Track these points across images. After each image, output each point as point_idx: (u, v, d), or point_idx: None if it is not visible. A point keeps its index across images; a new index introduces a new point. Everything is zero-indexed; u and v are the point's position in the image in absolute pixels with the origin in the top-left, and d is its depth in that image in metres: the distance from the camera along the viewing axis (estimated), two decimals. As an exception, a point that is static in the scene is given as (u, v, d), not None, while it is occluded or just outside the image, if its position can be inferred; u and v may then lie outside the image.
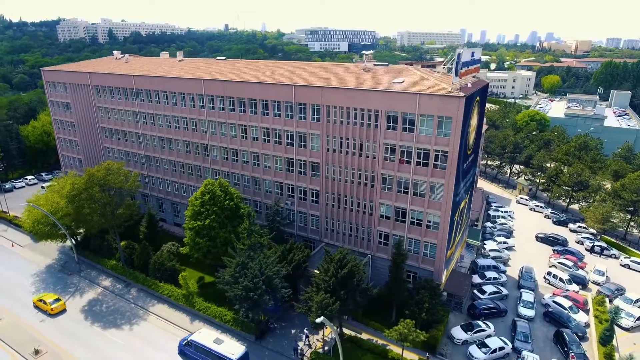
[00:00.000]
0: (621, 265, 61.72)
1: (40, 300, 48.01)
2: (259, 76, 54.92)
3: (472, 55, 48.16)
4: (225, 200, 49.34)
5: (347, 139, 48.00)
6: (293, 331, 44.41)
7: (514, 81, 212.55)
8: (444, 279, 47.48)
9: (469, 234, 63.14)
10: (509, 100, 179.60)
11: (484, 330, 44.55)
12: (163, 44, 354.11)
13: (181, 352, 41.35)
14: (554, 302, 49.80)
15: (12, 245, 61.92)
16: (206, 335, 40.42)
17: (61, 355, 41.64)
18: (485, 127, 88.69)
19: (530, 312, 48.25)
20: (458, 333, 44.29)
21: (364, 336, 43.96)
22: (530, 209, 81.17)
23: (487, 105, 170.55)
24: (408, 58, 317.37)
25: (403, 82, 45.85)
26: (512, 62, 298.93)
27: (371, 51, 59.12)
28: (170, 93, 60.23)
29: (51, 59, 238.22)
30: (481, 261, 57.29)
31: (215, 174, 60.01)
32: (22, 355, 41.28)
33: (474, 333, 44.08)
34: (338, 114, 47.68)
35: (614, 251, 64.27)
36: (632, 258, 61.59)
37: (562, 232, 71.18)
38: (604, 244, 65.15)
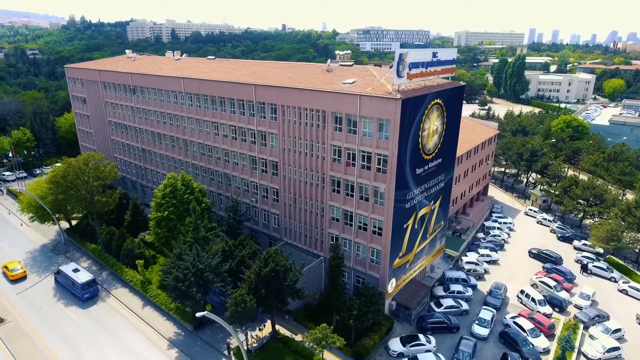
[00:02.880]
0: (619, 290, 55.58)
1: (5, 267, 54.55)
2: (232, 75, 56.28)
3: (435, 56, 45.96)
4: (185, 194, 51.35)
5: (300, 139, 47.92)
6: (232, 325, 45.10)
7: (569, 84, 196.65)
8: (389, 287, 45.80)
9: (448, 243, 60.25)
10: (559, 105, 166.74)
11: (423, 344, 42.46)
12: (219, 44, 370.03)
13: (55, 279, 53.22)
14: (514, 322, 46.16)
15: (21, 225, 68.66)
16: (70, 267, 52.38)
17: (21, 324, 45.83)
18: (496, 131, 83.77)
19: (484, 331, 45.12)
20: (395, 345, 42.60)
21: (299, 337, 43.74)
22: (538, 222, 75.31)
23: (529, 108, 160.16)
24: (460, 59, 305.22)
25: (354, 82, 44.86)
26: (576, 64, 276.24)
27: (347, 52, 58.09)
28: (159, 90, 63.53)
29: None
30: (450, 273, 54.41)
31: (194, 168, 62.48)
32: (-11, 322, 46.07)
33: (411, 347, 42.17)
34: (292, 114, 47.75)
35: (615, 274, 57.94)
36: (632, 283, 55.17)
37: (565, 249, 65.53)
38: (603, 265, 58.95)
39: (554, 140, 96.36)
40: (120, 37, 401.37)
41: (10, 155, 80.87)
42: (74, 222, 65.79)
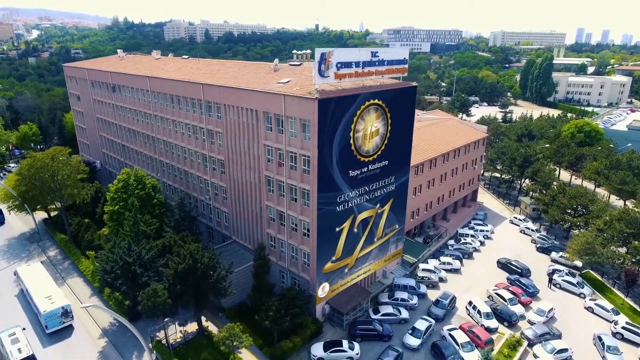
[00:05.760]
0: (585, 307, 51.77)
1: None
2: (189, 74, 57.15)
3: (375, 56, 44.68)
4: (135, 189, 52.76)
5: (240, 138, 48.02)
6: (166, 319, 45.92)
7: (601, 87, 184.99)
8: (320, 291, 44.95)
9: (408, 249, 58.38)
10: (581, 108, 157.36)
11: (344, 351, 41.41)
12: (250, 44, 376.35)
13: None
14: (449, 335, 44.10)
15: (10, 213, 72.82)
16: None
17: (-26, 308, 48.86)
18: (485, 134, 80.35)
19: (415, 342, 43.39)
20: (316, 349, 41.79)
21: (226, 336, 43.80)
22: (521, 231, 71.41)
23: (555, 112, 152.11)
24: (490, 60, 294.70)
25: (288, 82, 44.43)
26: (616, 65, 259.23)
27: (307, 50, 57.40)
28: (132, 89, 65.60)
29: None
30: (399, 280, 52.68)
31: (161, 165, 64.04)
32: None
33: (332, 352, 41.24)
34: (233, 113, 47.94)
35: (585, 290, 53.97)
36: (599, 301, 51.17)
37: (543, 261, 61.87)
38: (573, 280, 55.03)
39: (547, 145, 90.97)
40: (158, 37, 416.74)
41: (11, 148, 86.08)
42: (53, 214, 69.10)
